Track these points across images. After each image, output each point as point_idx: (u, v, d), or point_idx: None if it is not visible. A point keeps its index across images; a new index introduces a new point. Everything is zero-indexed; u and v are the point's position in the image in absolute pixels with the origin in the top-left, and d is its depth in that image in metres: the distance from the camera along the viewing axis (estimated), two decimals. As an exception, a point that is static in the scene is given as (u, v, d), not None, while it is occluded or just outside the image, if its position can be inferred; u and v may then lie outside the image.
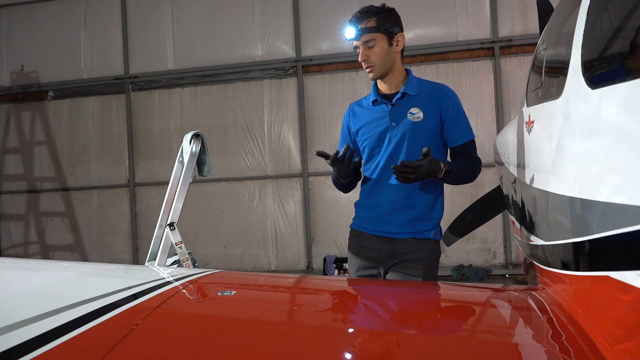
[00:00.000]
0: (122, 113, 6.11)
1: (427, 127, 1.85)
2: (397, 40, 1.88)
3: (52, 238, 6.34)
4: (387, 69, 1.89)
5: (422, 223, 1.91)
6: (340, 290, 1.45)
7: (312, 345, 0.91)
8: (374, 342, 0.94)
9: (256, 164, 5.78)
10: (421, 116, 1.85)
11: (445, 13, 5.34)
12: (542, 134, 1.37)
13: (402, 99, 1.89)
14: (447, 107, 1.86)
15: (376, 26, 1.84)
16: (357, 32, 1.85)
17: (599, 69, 1.06)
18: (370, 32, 1.84)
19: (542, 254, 1.30)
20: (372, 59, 1.86)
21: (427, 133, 1.86)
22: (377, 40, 1.85)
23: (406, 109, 1.87)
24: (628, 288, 0.77)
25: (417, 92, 1.89)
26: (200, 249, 5.56)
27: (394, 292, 1.45)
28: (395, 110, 1.89)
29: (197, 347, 0.81)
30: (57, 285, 1.12)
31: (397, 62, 1.90)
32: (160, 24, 5.98)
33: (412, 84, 1.90)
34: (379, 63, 1.86)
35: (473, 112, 5.30)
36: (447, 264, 5.35)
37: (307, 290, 1.38)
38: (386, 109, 1.91)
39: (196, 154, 2.28)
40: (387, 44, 1.86)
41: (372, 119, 1.95)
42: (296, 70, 5.66)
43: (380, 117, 1.92)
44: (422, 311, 1.25)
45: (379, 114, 1.93)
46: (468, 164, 1.86)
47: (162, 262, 2.22)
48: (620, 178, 0.85)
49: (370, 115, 1.96)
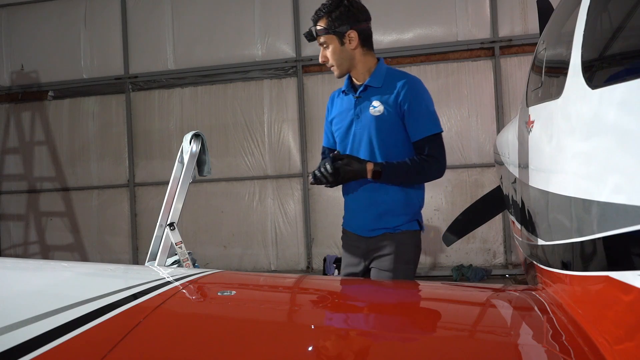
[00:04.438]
0: (122, 113, 6.11)
1: (389, 121, 1.81)
2: (349, 38, 1.84)
3: (52, 238, 6.34)
4: (346, 67, 1.88)
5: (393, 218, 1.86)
6: (340, 290, 1.45)
7: (312, 345, 0.91)
8: (374, 342, 0.94)
9: (256, 164, 5.78)
10: (382, 110, 1.82)
11: (445, 13, 5.34)
12: (542, 134, 1.37)
13: (365, 92, 1.87)
14: (405, 99, 1.79)
15: (325, 28, 1.83)
16: (308, 37, 1.86)
17: (599, 69, 1.06)
18: (320, 35, 1.84)
19: (542, 254, 1.30)
20: (329, 60, 1.87)
21: (389, 126, 1.82)
22: (329, 42, 1.85)
23: (369, 101, 1.85)
24: (628, 288, 0.77)
25: (381, 83, 1.85)
26: (200, 249, 5.56)
27: (393, 292, 1.45)
28: (359, 102, 1.88)
29: (197, 347, 0.81)
30: (57, 285, 1.12)
31: (357, 57, 1.87)
32: (160, 24, 5.98)
33: (378, 76, 1.86)
34: (336, 63, 1.87)
35: (473, 112, 5.30)
36: (447, 264, 5.35)
37: (307, 290, 1.38)
38: (352, 101, 1.90)
39: (196, 154, 2.27)
40: (338, 43, 1.84)
41: (342, 110, 1.94)
42: (296, 70, 5.66)
43: (348, 109, 1.92)
44: (422, 311, 1.25)
45: (347, 105, 1.92)
46: (414, 164, 1.79)
47: (162, 262, 2.22)
48: (620, 178, 0.85)
49: (341, 106, 1.95)
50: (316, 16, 1.86)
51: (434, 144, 1.82)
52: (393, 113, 1.81)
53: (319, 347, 0.90)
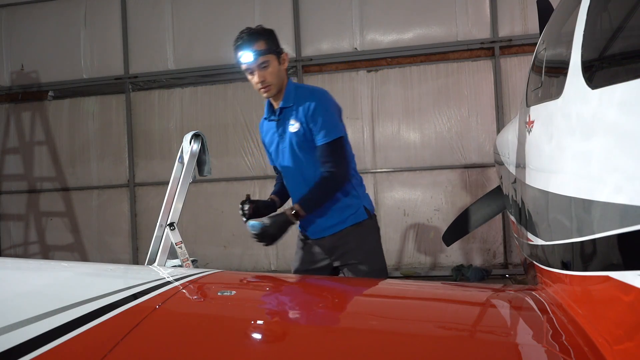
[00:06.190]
0: (122, 113, 6.11)
1: (305, 134, 1.96)
2: (284, 59, 2.02)
3: (52, 238, 6.34)
4: (279, 86, 2.01)
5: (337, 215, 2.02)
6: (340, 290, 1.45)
7: (312, 345, 0.91)
8: (374, 342, 0.94)
9: (256, 164, 5.78)
10: (298, 126, 1.97)
11: (445, 13, 5.34)
12: (542, 134, 1.37)
13: (281, 114, 2.03)
14: (309, 112, 1.95)
15: (267, 48, 1.95)
16: (254, 56, 1.93)
17: (599, 69, 1.06)
18: (264, 55, 1.94)
19: (542, 254, 1.30)
20: (268, 80, 1.96)
21: (306, 139, 1.97)
22: (270, 61, 1.96)
23: (287, 121, 2.01)
24: (628, 288, 0.77)
25: (293, 102, 2.00)
26: (200, 249, 5.56)
27: (393, 292, 1.45)
28: (280, 124, 2.05)
29: (197, 347, 0.81)
30: (57, 285, 1.12)
31: (285, 78, 2.03)
32: (160, 24, 5.98)
33: (288, 96, 2.01)
34: (275, 82, 1.98)
35: (473, 112, 5.30)
36: (447, 264, 5.35)
37: (307, 290, 1.38)
38: (274, 124, 2.07)
39: (196, 154, 2.28)
40: (277, 63, 1.99)
41: (269, 134, 2.14)
42: (296, 70, 5.66)
43: (272, 132, 2.10)
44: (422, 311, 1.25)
45: (271, 129, 2.11)
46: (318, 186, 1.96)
47: (162, 262, 2.22)
48: (620, 178, 0.85)
49: (268, 131, 2.15)
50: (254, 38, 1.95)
51: (331, 149, 1.96)
52: (305, 127, 1.96)
53: (319, 347, 0.90)
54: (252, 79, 1.99)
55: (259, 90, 2.01)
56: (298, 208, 1.93)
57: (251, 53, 1.93)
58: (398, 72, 5.43)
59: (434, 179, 5.30)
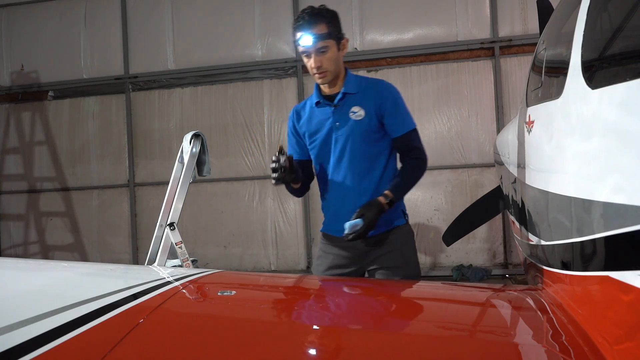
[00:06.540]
0: (122, 113, 6.11)
1: (369, 124, 1.89)
2: (344, 45, 1.90)
3: (52, 238, 6.33)
4: (337, 73, 1.91)
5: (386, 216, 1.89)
6: (340, 290, 1.45)
7: (312, 345, 0.91)
8: (373, 342, 0.94)
9: (256, 164, 5.78)
10: (362, 114, 1.88)
11: (445, 13, 5.34)
12: (542, 134, 1.37)
13: (343, 99, 1.92)
14: (385, 100, 1.89)
15: (328, 32, 1.84)
16: (313, 40, 1.82)
17: (599, 69, 1.06)
18: (323, 39, 1.83)
19: (542, 254, 1.31)
20: (325, 65, 1.85)
21: (368, 129, 1.89)
22: (330, 46, 1.85)
23: (348, 108, 1.90)
24: (628, 288, 0.77)
25: (357, 89, 1.92)
26: (200, 249, 5.55)
27: (393, 292, 1.46)
28: (338, 110, 1.92)
29: (197, 347, 0.81)
30: (57, 285, 1.12)
31: (341, 65, 1.93)
32: (160, 24, 5.98)
33: (351, 83, 1.93)
34: (332, 68, 1.87)
35: (473, 112, 5.30)
36: (447, 264, 5.35)
37: (307, 290, 1.39)
38: (329, 110, 1.94)
39: (196, 154, 2.28)
40: (337, 49, 1.88)
41: (317, 121, 1.98)
42: (296, 70, 5.66)
43: (324, 119, 1.95)
44: (422, 311, 1.25)
45: (323, 116, 1.96)
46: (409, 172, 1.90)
47: (162, 262, 2.22)
48: (620, 178, 0.85)
49: (315, 118, 1.99)
50: (315, 20, 1.83)
51: (413, 136, 1.93)
52: (372, 116, 1.89)
53: (319, 347, 0.90)
54: (308, 62, 1.87)
55: (313, 74, 1.89)
56: (392, 196, 1.81)
57: (310, 36, 1.81)
58: (398, 72, 5.43)
59: (434, 179, 5.29)
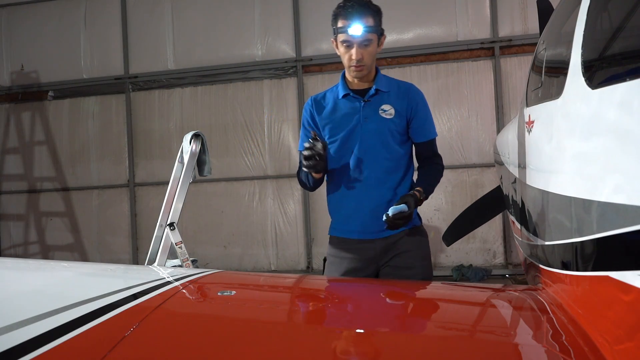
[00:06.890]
0: (122, 113, 6.11)
1: (396, 124, 1.88)
2: (382, 41, 1.87)
3: (52, 238, 6.34)
4: (371, 68, 1.87)
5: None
6: (340, 290, 1.45)
7: (312, 345, 0.91)
8: (373, 342, 0.94)
9: (256, 164, 5.78)
10: (393, 113, 1.86)
11: (445, 13, 5.34)
12: (542, 134, 1.37)
13: (375, 96, 1.88)
14: (417, 105, 1.90)
15: (374, 25, 1.79)
16: (363, 31, 1.75)
17: (599, 69, 1.06)
18: (370, 32, 1.78)
19: (542, 254, 1.31)
20: (365, 59, 1.80)
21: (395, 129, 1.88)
22: (373, 40, 1.80)
23: (378, 105, 1.87)
24: (628, 288, 0.77)
25: (388, 88, 1.89)
26: (200, 249, 5.55)
27: (393, 292, 1.45)
28: (367, 106, 1.88)
29: (197, 347, 0.81)
30: (57, 285, 1.12)
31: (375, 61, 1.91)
32: (160, 24, 5.98)
33: (382, 81, 1.90)
34: (369, 63, 1.83)
35: (473, 112, 5.30)
36: (447, 264, 5.35)
37: (307, 290, 1.38)
38: (358, 105, 1.88)
39: (196, 154, 2.28)
40: (377, 44, 1.84)
41: (342, 114, 1.90)
42: (296, 70, 5.66)
43: (351, 113, 1.89)
44: (422, 311, 1.25)
45: (349, 110, 1.89)
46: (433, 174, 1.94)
47: (162, 262, 2.22)
48: (620, 178, 0.85)
49: (340, 110, 1.91)
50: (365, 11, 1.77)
51: (435, 144, 1.99)
52: (401, 117, 1.88)
53: (319, 347, 0.90)
54: (346, 52, 1.79)
55: (349, 66, 1.82)
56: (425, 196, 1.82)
57: (360, 26, 1.73)
58: (398, 72, 5.43)
59: (434, 178, 5.30)
